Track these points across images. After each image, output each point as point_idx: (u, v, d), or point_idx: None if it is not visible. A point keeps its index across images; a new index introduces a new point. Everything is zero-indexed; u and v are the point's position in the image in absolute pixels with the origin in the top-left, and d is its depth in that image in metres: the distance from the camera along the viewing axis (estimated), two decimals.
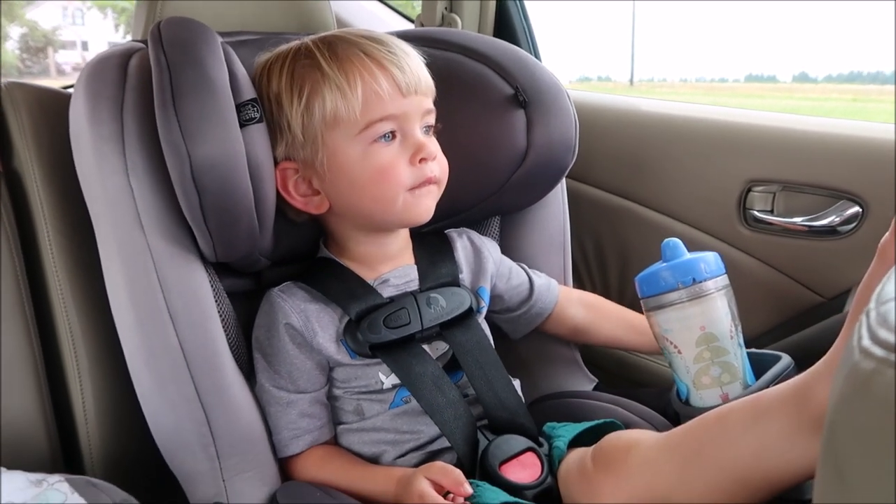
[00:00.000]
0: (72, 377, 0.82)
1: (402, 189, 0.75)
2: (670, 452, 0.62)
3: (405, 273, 0.82)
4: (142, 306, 0.71)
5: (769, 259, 1.05)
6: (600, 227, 1.20)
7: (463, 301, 0.81)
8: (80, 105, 0.73)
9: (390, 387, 0.77)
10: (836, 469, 0.22)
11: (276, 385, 0.76)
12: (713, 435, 0.59)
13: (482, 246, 0.89)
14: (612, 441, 0.67)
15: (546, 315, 0.93)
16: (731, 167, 1.06)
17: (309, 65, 0.75)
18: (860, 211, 0.97)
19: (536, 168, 0.90)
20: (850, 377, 0.22)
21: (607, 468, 0.66)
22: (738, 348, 0.77)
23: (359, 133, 0.74)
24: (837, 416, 0.23)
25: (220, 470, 0.73)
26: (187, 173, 0.67)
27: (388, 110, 0.74)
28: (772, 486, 0.56)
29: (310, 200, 0.78)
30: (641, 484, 0.63)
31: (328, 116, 0.73)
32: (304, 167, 0.76)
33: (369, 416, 0.78)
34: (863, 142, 0.99)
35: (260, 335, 0.78)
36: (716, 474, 0.58)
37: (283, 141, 0.76)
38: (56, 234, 0.82)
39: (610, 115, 1.21)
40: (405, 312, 0.77)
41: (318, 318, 0.77)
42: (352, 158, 0.75)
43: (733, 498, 0.58)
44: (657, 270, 0.78)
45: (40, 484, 0.64)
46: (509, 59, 0.92)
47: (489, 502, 0.66)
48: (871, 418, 0.21)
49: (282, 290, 0.78)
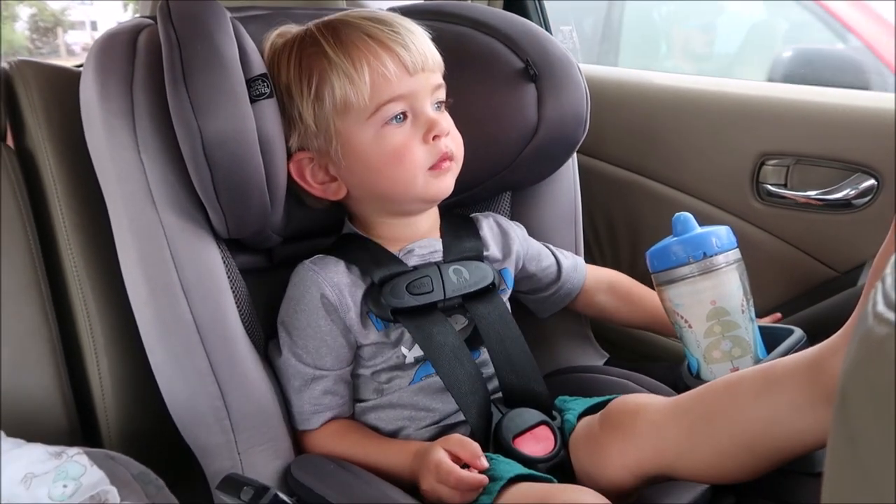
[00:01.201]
0: (88, 352, 0.83)
1: (420, 170, 0.76)
2: (678, 417, 0.62)
3: (430, 244, 0.82)
4: (155, 281, 0.72)
5: (782, 233, 1.04)
6: (612, 202, 1.19)
7: (486, 275, 0.81)
8: (90, 81, 0.73)
9: (412, 361, 0.78)
10: (848, 436, 0.22)
11: (302, 360, 0.76)
12: (723, 402, 0.59)
13: (509, 228, 0.89)
14: (620, 405, 0.67)
15: (574, 295, 0.94)
16: (743, 140, 1.05)
17: (315, 53, 0.75)
18: (875, 184, 0.96)
19: (547, 142, 0.90)
20: (864, 342, 0.22)
21: (614, 431, 0.66)
22: (749, 322, 0.77)
23: (369, 117, 0.74)
24: (850, 381, 0.22)
25: (235, 443, 0.74)
26: (199, 148, 0.67)
27: (396, 91, 0.74)
28: (781, 455, 0.56)
29: (327, 187, 0.78)
30: (649, 447, 0.63)
31: (338, 104, 0.74)
32: (319, 156, 0.77)
33: (389, 393, 0.78)
34: (878, 113, 0.97)
35: (289, 308, 0.78)
36: (724, 441, 0.58)
37: (295, 132, 0.76)
38: (69, 212, 0.83)
39: (621, 88, 1.19)
40: (428, 280, 0.78)
41: (351, 293, 0.77)
42: (365, 143, 0.75)
43: (740, 465, 0.58)
44: (668, 245, 0.78)
45: (59, 456, 0.65)
46: (519, 32, 0.91)
47: (503, 475, 0.67)
48: (884, 382, 0.20)
49: (314, 262, 0.78)
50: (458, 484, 0.65)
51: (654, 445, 0.62)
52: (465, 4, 0.99)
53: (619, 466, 0.64)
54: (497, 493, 0.65)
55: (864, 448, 0.21)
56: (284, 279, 0.81)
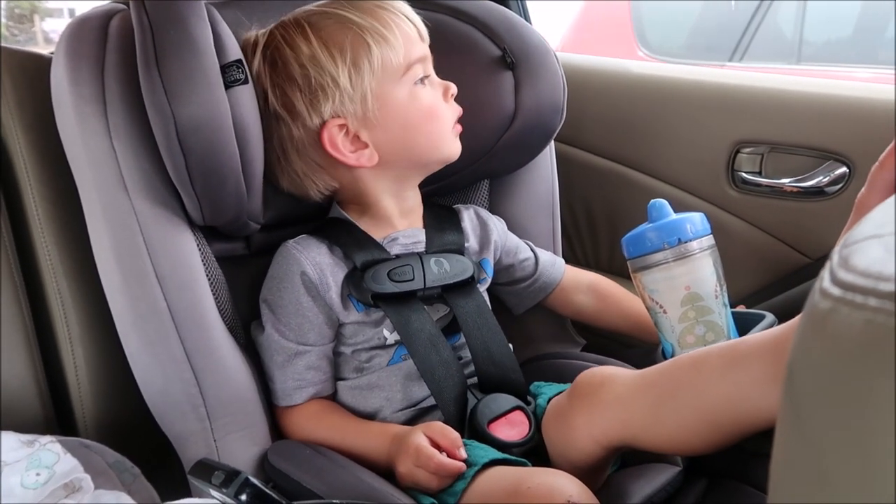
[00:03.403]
0: (63, 341, 0.82)
1: (449, 125, 0.81)
2: (645, 390, 0.62)
3: (413, 234, 0.83)
4: (128, 269, 0.72)
5: (757, 220, 1.05)
6: (590, 190, 1.20)
7: (466, 268, 0.82)
8: (61, 66, 0.72)
9: (393, 342, 0.79)
10: (794, 409, 0.23)
11: (285, 336, 0.77)
12: (688, 377, 0.59)
13: (488, 219, 0.91)
14: (588, 377, 0.67)
15: (550, 290, 0.94)
16: (719, 129, 1.06)
17: (337, 23, 0.77)
18: (847, 171, 0.97)
19: (524, 130, 0.90)
20: (808, 317, 0.23)
21: (581, 402, 0.66)
22: (722, 308, 0.78)
23: (402, 76, 0.77)
24: (795, 355, 0.23)
25: (211, 430, 0.74)
26: (172, 134, 0.67)
27: (418, 53, 0.79)
28: (742, 430, 0.57)
29: (361, 154, 0.79)
30: (614, 418, 0.63)
31: (375, 65, 0.76)
32: (354, 120, 0.77)
33: (368, 372, 0.79)
34: (850, 102, 0.99)
35: (272, 286, 0.79)
36: (688, 415, 0.59)
37: (328, 99, 0.76)
38: (42, 200, 0.82)
39: (599, 77, 1.20)
40: (409, 269, 0.79)
41: (333, 273, 0.78)
42: (402, 102, 0.78)
43: (702, 439, 0.59)
44: (643, 231, 0.79)
45: (32, 444, 0.65)
46: (496, 20, 0.91)
47: (478, 460, 0.67)
48: (825, 357, 0.21)
49: (297, 241, 0.79)
50: (437, 469, 0.66)
51: (619, 416, 0.63)
52: None
53: (586, 436, 0.65)
54: (472, 477, 0.66)
55: (806, 420, 0.22)
56: (263, 267, 0.81)
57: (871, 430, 0.18)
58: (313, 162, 0.79)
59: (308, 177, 0.80)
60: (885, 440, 0.18)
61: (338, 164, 0.79)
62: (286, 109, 0.77)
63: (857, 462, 0.19)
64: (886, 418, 0.18)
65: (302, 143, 0.78)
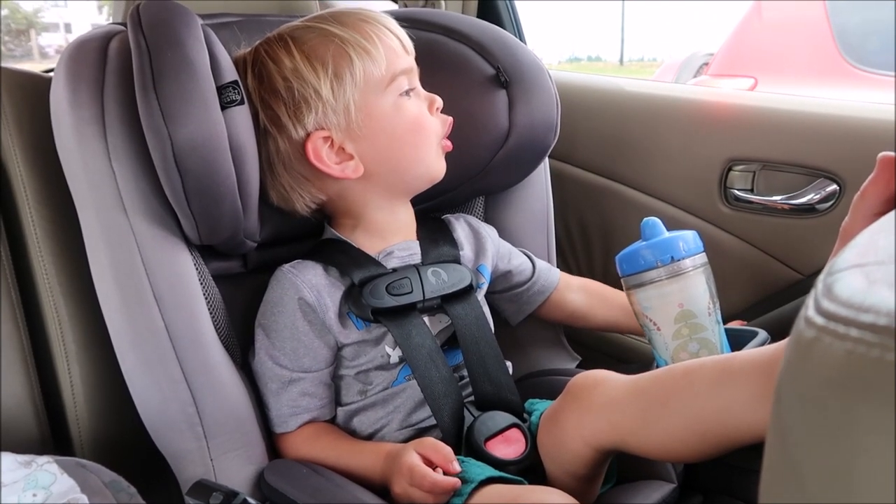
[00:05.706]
0: (60, 361, 0.82)
1: (436, 139, 0.81)
2: (636, 396, 0.63)
3: (408, 247, 0.84)
4: (126, 289, 0.72)
5: (749, 237, 1.06)
6: (584, 207, 1.21)
7: (463, 277, 0.83)
8: (61, 88, 0.73)
9: (396, 360, 0.79)
10: (780, 434, 0.23)
11: (279, 363, 0.77)
12: (679, 387, 0.60)
13: (480, 228, 0.91)
14: (581, 379, 0.68)
15: (547, 294, 0.95)
16: (712, 146, 1.07)
17: (320, 36, 0.77)
18: (838, 188, 0.99)
19: (519, 148, 0.91)
20: (795, 344, 0.23)
21: (573, 403, 0.67)
22: (715, 325, 0.79)
23: (385, 88, 0.78)
24: (782, 382, 0.24)
25: (208, 449, 0.74)
26: (169, 155, 0.67)
27: (402, 65, 0.79)
28: (730, 443, 0.57)
29: (346, 166, 0.79)
30: (604, 420, 0.64)
31: (358, 76, 0.76)
32: (338, 132, 0.78)
33: (373, 394, 0.79)
34: (840, 120, 1.00)
35: (266, 310, 0.79)
36: (677, 424, 0.59)
37: (311, 111, 0.76)
38: (40, 219, 0.82)
39: (593, 95, 1.21)
40: (408, 281, 0.79)
41: (330, 293, 0.78)
42: (387, 113, 0.78)
43: (690, 448, 0.59)
44: (636, 249, 0.80)
45: (29, 465, 0.65)
46: (490, 39, 0.92)
47: (474, 477, 0.67)
48: (810, 385, 0.22)
49: (293, 266, 0.80)
50: (432, 488, 0.66)
51: (609, 419, 0.63)
52: (437, 12, 1.00)
53: (577, 437, 0.65)
54: (468, 495, 0.66)
55: (791, 443, 0.22)
56: (260, 285, 0.81)
57: (852, 461, 0.19)
58: (300, 175, 0.80)
59: (295, 190, 0.81)
60: (866, 471, 0.18)
61: (324, 177, 0.79)
62: (272, 123, 0.78)
63: (839, 491, 0.19)
64: (867, 449, 0.18)
65: (288, 157, 0.79)
